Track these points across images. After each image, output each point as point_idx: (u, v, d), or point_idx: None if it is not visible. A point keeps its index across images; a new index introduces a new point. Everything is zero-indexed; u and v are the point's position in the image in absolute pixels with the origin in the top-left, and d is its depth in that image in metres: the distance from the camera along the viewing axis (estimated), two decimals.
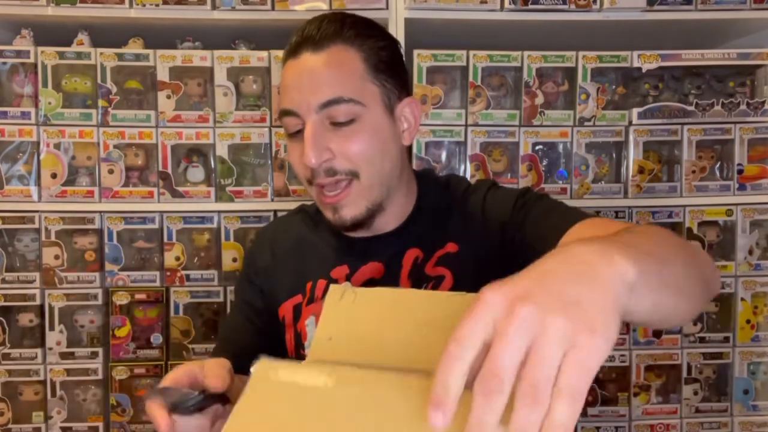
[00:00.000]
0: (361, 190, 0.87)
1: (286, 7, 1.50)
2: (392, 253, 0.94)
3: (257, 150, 1.55)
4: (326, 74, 0.84)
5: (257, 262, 1.05)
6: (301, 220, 1.06)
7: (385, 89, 0.88)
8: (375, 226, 0.94)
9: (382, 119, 0.88)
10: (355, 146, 0.85)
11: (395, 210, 0.94)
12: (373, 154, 0.86)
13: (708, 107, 1.55)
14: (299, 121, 0.86)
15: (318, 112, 0.84)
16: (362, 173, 0.86)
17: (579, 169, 1.56)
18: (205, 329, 1.57)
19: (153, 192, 1.52)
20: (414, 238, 0.94)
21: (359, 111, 0.85)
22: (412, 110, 0.92)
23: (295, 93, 0.85)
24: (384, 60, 0.88)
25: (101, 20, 1.51)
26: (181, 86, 1.51)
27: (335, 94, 0.83)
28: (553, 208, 0.88)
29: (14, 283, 1.51)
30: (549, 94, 1.56)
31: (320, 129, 0.84)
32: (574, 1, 1.51)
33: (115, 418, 1.52)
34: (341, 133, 0.85)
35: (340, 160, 0.85)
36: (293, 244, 1.02)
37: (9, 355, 1.50)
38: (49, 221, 1.50)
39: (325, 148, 0.84)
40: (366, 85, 0.86)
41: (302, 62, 0.86)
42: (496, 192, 0.95)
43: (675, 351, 1.57)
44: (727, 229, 1.60)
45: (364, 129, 0.85)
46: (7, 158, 1.51)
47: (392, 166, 0.90)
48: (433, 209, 0.96)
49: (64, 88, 1.51)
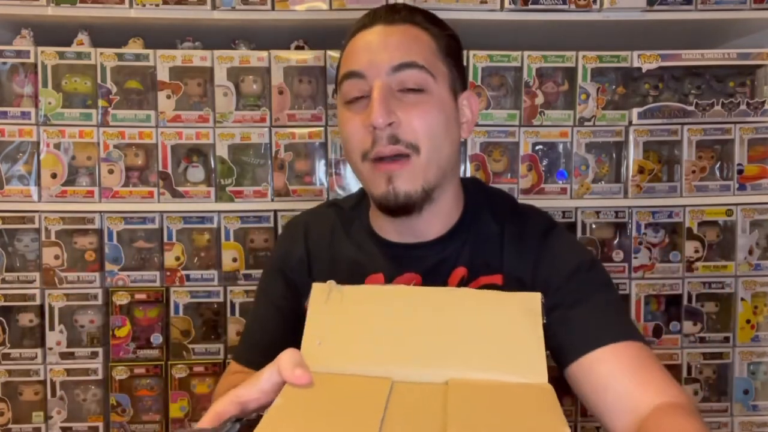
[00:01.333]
0: (420, 166, 0.82)
1: (286, 7, 1.50)
2: (431, 265, 0.88)
3: (257, 150, 1.55)
4: (401, 40, 0.82)
5: (292, 256, 0.97)
6: (335, 216, 0.98)
7: (452, 74, 0.86)
8: (417, 227, 0.88)
9: (448, 98, 0.85)
10: (422, 116, 0.81)
11: (443, 209, 0.89)
12: (437, 131, 0.82)
13: (708, 107, 1.55)
14: (364, 85, 0.82)
15: (389, 74, 0.81)
16: (423, 148, 0.81)
17: (579, 169, 1.56)
18: (205, 329, 1.58)
19: (153, 192, 1.52)
20: (463, 255, 0.89)
21: (430, 82, 0.82)
22: (470, 104, 0.90)
23: (365, 54, 0.82)
24: (452, 47, 0.87)
25: (101, 20, 1.51)
26: (181, 86, 1.52)
27: (410, 58, 0.81)
28: (599, 308, 0.82)
29: (14, 283, 1.51)
30: (549, 94, 1.56)
31: (389, 92, 0.81)
32: (574, 1, 1.51)
33: (115, 418, 1.52)
34: (408, 101, 0.81)
35: (405, 128, 0.81)
36: (327, 247, 0.95)
37: (9, 355, 1.50)
38: (49, 221, 1.50)
39: (392, 111, 0.80)
40: (437, 62, 0.84)
41: (375, 30, 0.83)
42: (556, 244, 0.89)
43: (675, 351, 1.57)
44: (727, 229, 1.60)
45: (431, 101, 0.82)
46: (7, 158, 1.51)
47: (451, 151, 0.86)
48: (484, 228, 0.91)
49: (64, 88, 1.51)
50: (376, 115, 0.78)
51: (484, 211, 0.92)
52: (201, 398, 1.55)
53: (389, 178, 0.81)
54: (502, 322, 0.61)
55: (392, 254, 0.90)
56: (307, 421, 0.49)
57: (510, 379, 0.57)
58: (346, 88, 0.84)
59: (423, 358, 0.58)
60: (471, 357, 0.58)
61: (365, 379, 0.56)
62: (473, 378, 0.57)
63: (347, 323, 0.61)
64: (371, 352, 0.58)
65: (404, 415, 0.50)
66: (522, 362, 0.58)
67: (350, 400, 0.52)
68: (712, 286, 1.57)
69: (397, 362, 0.58)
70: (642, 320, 1.56)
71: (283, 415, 0.50)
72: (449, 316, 0.61)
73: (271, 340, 0.92)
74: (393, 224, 0.89)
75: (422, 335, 0.60)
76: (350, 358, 0.58)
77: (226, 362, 1.53)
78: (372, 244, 0.92)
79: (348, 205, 0.99)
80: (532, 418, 0.51)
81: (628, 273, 1.56)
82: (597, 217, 1.56)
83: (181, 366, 1.52)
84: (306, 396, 0.53)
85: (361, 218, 0.95)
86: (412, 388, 0.55)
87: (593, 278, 0.86)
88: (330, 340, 0.60)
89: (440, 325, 0.60)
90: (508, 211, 0.94)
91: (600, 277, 0.87)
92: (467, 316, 0.61)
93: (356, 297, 0.63)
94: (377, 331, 0.60)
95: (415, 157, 0.81)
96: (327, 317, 0.61)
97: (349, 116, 0.84)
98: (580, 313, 0.82)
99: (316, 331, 0.60)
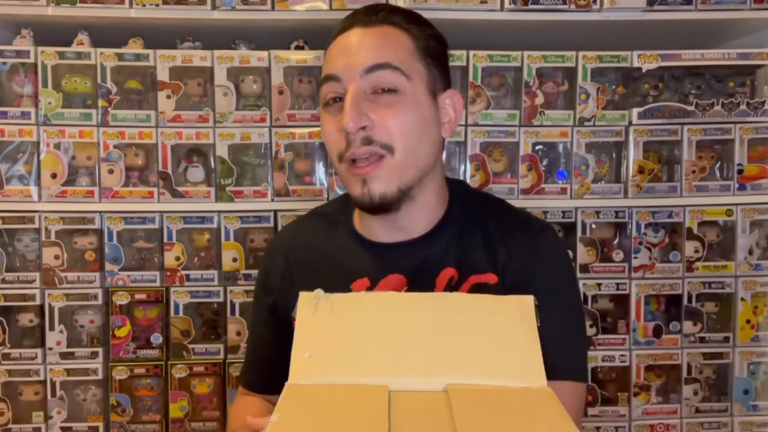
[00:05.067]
0: (395, 166, 0.82)
1: (286, 7, 1.50)
2: (417, 265, 0.88)
3: (257, 150, 1.55)
4: (376, 42, 0.83)
5: (274, 274, 0.98)
6: (313, 227, 0.99)
7: (431, 73, 0.86)
8: (401, 222, 0.88)
9: (425, 98, 0.85)
10: (395, 117, 0.82)
11: (426, 204, 0.89)
12: (412, 131, 0.83)
13: (708, 107, 1.55)
14: (340, 87, 0.83)
15: (362, 76, 0.81)
16: (397, 148, 0.82)
17: (579, 169, 1.56)
18: (205, 329, 1.58)
19: (153, 192, 1.52)
20: (450, 255, 0.88)
21: (403, 83, 0.82)
22: (453, 103, 0.90)
23: (341, 58, 0.83)
24: (432, 47, 0.87)
25: (101, 20, 1.51)
26: (181, 86, 1.51)
27: (382, 59, 0.82)
28: (568, 337, 0.86)
29: (14, 283, 1.51)
30: (549, 94, 1.56)
31: (362, 96, 0.82)
32: (574, 1, 1.51)
33: (115, 418, 1.52)
34: (382, 102, 0.82)
35: (379, 130, 0.81)
36: (309, 256, 0.95)
37: (9, 355, 1.50)
38: (49, 221, 1.50)
39: (364, 114, 0.81)
40: (413, 62, 0.84)
41: (352, 34, 0.85)
42: (549, 249, 0.90)
43: (675, 351, 1.57)
44: (727, 229, 1.60)
45: (405, 102, 0.82)
46: (7, 158, 1.51)
47: (429, 151, 0.86)
48: (471, 224, 0.90)
49: (64, 88, 1.51)
50: (347, 120, 0.80)
51: (471, 207, 0.92)
52: (201, 398, 1.55)
53: (364, 181, 0.82)
54: (496, 327, 0.60)
55: (376, 255, 0.90)
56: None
57: (509, 384, 0.56)
58: (324, 91, 0.85)
59: (417, 365, 0.57)
60: (467, 363, 0.57)
61: (361, 389, 0.54)
62: (472, 384, 0.56)
63: (338, 333, 0.60)
64: (364, 361, 0.57)
65: (411, 426, 0.49)
66: (519, 367, 0.57)
67: (350, 412, 0.51)
68: (712, 286, 1.57)
69: (391, 370, 0.56)
70: (642, 320, 1.56)
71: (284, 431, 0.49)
72: (442, 323, 0.60)
73: (270, 361, 0.94)
74: (378, 220, 0.89)
75: (415, 342, 0.59)
76: (343, 368, 0.57)
77: (226, 362, 1.53)
78: (356, 246, 0.92)
79: (331, 209, 0.99)
80: (542, 424, 0.50)
81: (628, 273, 1.56)
82: (597, 217, 1.56)
83: (181, 366, 1.52)
84: (303, 410, 0.52)
85: (345, 221, 0.94)
86: (411, 397, 0.54)
87: (573, 299, 0.90)
88: (321, 351, 0.58)
89: (433, 332, 0.60)
90: (497, 207, 0.94)
91: (577, 297, 0.92)
92: (460, 321, 0.61)
93: (345, 305, 0.62)
94: (369, 340, 0.59)
95: (389, 157, 0.82)
96: (316, 328, 0.60)
97: (326, 119, 0.86)
98: (549, 336, 0.80)
99: (305, 343, 0.59)
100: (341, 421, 0.50)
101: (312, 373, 0.56)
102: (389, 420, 0.49)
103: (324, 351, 0.58)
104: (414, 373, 0.57)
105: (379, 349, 0.58)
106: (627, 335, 1.56)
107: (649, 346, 1.56)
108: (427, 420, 0.50)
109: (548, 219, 1.55)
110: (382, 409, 0.50)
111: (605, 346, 1.56)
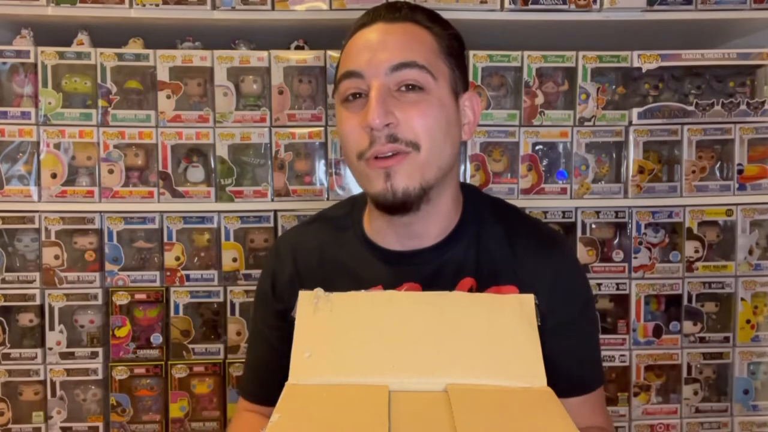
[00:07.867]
0: (419, 163, 0.80)
1: (286, 7, 1.50)
2: (431, 272, 0.86)
3: (257, 150, 1.55)
4: (402, 39, 0.81)
5: (282, 277, 0.93)
6: (322, 230, 0.94)
7: (453, 74, 0.85)
8: (415, 229, 0.86)
9: (448, 99, 0.83)
10: (421, 116, 0.79)
11: (441, 210, 0.87)
12: (437, 131, 0.80)
13: (708, 107, 1.55)
14: (363, 83, 0.80)
15: (388, 74, 0.79)
16: (423, 146, 0.79)
17: (579, 169, 1.56)
18: (205, 329, 1.58)
19: (153, 192, 1.52)
20: (468, 263, 0.86)
21: (430, 82, 0.80)
22: (472, 105, 0.88)
23: (365, 54, 0.81)
24: (454, 47, 0.86)
25: (101, 20, 1.51)
26: (181, 86, 1.51)
27: (410, 58, 0.79)
28: (589, 354, 0.90)
29: (14, 283, 1.51)
30: (549, 94, 1.56)
31: (386, 92, 0.79)
32: (574, 1, 1.51)
33: (115, 418, 1.52)
34: (407, 100, 0.79)
35: (404, 127, 0.79)
36: (317, 261, 0.91)
37: (9, 355, 1.50)
38: (49, 221, 1.50)
39: (390, 111, 0.78)
40: (438, 62, 0.82)
41: (375, 28, 0.82)
42: (573, 268, 0.91)
43: (675, 351, 1.57)
44: (727, 229, 1.60)
45: (431, 101, 0.80)
46: (7, 158, 1.51)
47: (451, 152, 0.84)
48: (488, 232, 0.89)
49: (64, 88, 1.51)
50: (373, 116, 0.77)
51: (486, 215, 0.90)
52: (201, 398, 1.55)
53: (387, 175, 0.79)
54: (497, 327, 0.60)
55: (390, 262, 0.87)
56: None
57: (509, 383, 0.56)
58: (344, 87, 0.82)
59: (417, 364, 0.57)
60: (467, 362, 0.57)
61: (361, 389, 0.54)
62: (472, 384, 0.56)
63: (337, 332, 0.59)
64: (364, 361, 0.57)
65: (411, 426, 0.49)
66: (519, 366, 0.57)
67: (350, 412, 0.51)
68: (712, 286, 1.57)
69: (391, 370, 0.56)
70: (642, 320, 1.56)
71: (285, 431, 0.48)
72: (441, 321, 0.60)
73: (272, 371, 0.88)
74: (391, 226, 0.86)
75: (415, 342, 0.58)
76: (343, 367, 0.57)
77: (226, 362, 1.53)
78: (368, 253, 0.89)
79: (338, 213, 0.96)
80: (542, 424, 0.50)
81: (628, 273, 1.56)
82: (597, 217, 1.56)
83: (181, 366, 1.52)
84: (303, 410, 0.51)
85: (354, 226, 0.92)
86: (411, 397, 0.53)
87: (593, 316, 0.92)
88: (321, 351, 0.58)
89: (433, 331, 0.59)
90: (514, 215, 0.92)
91: (594, 308, 0.93)
92: (460, 321, 0.60)
93: (345, 305, 0.62)
94: (369, 339, 0.59)
95: (414, 153, 0.79)
96: (316, 327, 0.60)
97: (346, 115, 0.82)
98: (579, 355, 0.88)
99: (305, 343, 0.59)
100: (341, 421, 0.49)
101: (312, 373, 0.56)
102: (389, 420, 0.49)
103: (324, 351, 0.58)
104: (414, 372, 0.56)
105: (379, 348, 0.58)
106: (627, 335, 1.56)
107: (649, 346, 1.56)
108: (427, 420, 0.50)
109: (548, 219, 1.55)
110: (382, 409, 0.50)
111: (605, 346, 1.56)
